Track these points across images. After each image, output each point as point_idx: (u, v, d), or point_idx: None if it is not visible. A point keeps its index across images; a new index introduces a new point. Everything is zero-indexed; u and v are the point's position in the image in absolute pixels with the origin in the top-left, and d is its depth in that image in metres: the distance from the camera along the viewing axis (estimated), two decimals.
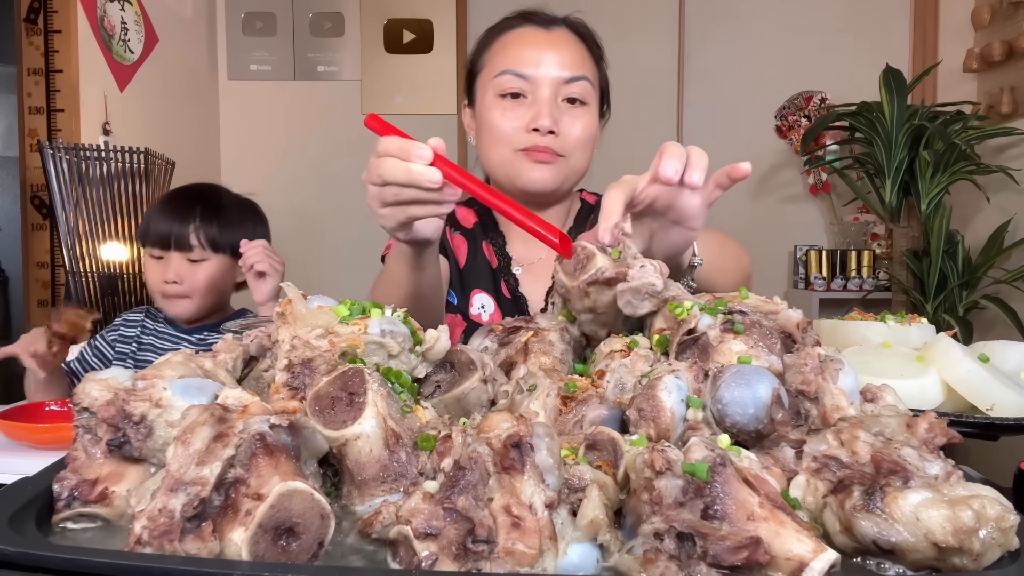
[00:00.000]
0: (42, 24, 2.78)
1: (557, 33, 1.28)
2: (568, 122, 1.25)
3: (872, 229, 3.63)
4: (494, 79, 1.26)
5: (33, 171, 2.83)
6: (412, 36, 3.84)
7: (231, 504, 0.45)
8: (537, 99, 1.23)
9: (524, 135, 1.23)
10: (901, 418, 0.53)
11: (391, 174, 0.84)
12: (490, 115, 1.26)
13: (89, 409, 0.56)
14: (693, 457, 0.46)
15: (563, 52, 1.26)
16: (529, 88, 1.24)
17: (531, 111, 1.23)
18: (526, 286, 1.32)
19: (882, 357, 0.81)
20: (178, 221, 1.72)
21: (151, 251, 1.74)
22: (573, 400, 0.61)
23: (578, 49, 1.29)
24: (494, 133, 1.25)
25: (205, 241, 1.73)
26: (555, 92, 1.24)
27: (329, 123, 3.87)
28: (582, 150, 1.27)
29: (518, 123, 1.24)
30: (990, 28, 3.30)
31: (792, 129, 3.76)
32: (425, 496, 0.46)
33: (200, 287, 1.73)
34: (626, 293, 0.69)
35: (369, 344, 0.61)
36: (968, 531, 0.44)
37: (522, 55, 1.25)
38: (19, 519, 0.49)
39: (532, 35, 1.27)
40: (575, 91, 1.25)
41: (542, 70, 1.24)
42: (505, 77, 1.24)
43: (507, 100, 1.25)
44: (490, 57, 1.30)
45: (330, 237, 3.86)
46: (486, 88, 1.28)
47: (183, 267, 1.72)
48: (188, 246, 1.72)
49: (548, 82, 1.23)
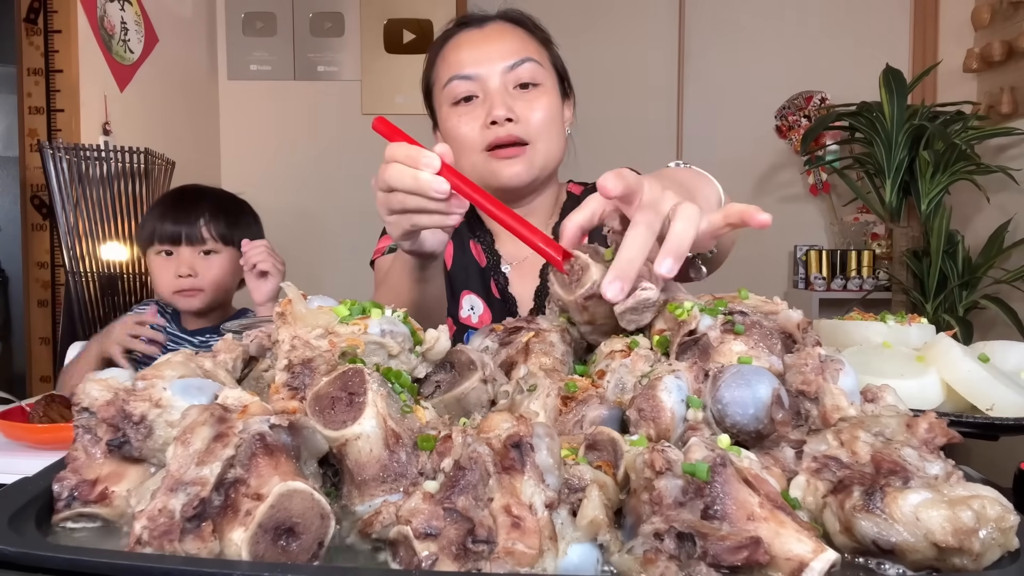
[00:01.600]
0: (42, 24, 2.78)
1: (492, 27, 1.28)
2: (524, 106, 1.23)
3: (872, 229, 3.62)
4: (444, 89, 1.26)
5: (33, 171, 2.83)
6: (412, 36, 3.84)
7: (231, 504, 0.45)
8: (488, 94, 1.23)
9: (485, 132, 1.22)
10: (901, 418, 0.53)
11: (398, 181, 0.82)
12: (449, 125, 1.26)
13: (89, 409, 0.56)
14: (693, 457, 0.46)
15: (502, 42, 1.25)
16: (478, 87, 1.23)
17: (485, 107, 1.23)
18: (515, 285, 1.31)
19: (882, 357, 0.81)
20: (188, 216, 1.75)
21: (160, 248, 1.75)
22: (573, 400, 0.61)
23: (517, 35, 1.28)
24: (458, 142, 1.24)
25: (216, 234, 1.76)
26: (503, 82, 1.23)
27: (329, 123, 3.87)
28: (548, 132, 1.25)
29: (476, 123, 1.23)
30: (990, 28, 3.30)
31: (792, 129, 3.76)
32: (425, 496, 0.46)
33: (213, 279, 1.76)
34: (625, 314, 0.66)
35: (369, 344, 0.61)
36: (968, 531, 0.44)
37: (462, 58, 1.25)
38: (19, 519, 0.49)
39: (468, 37, 1.28)
40: (523, 75, 1.24)
41: (484, 67, 1.23)
42: (453, 84, 1.24)
43: (461, 106, 1.25)
44: (436, 72, 1.31)
45: (330, 237, 3.86)
46: (441, 102, 1.28)
47: (196, 260, 1.75)
48: (200, 239, 1.75)
49: (493, 75, 1.23)
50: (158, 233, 1.75)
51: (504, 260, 1.33)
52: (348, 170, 3.85)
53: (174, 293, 1.75)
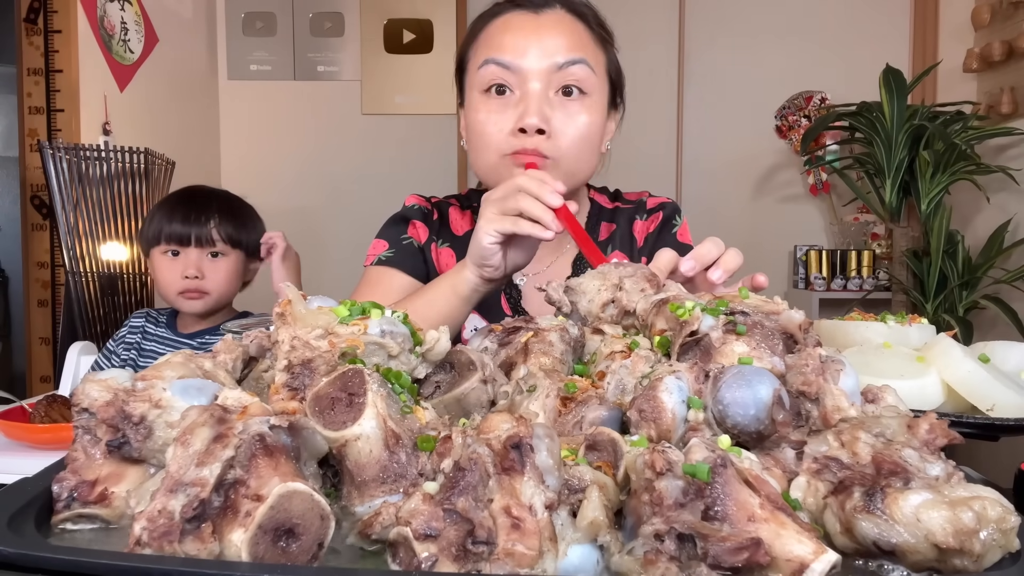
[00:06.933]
0: (42, 24, 2.78)
1: (549, 15, 1.13)
2: (562, 118, 1.10)
3: (872, 229, 3.62)
4: (478, 72, 1.12)
5: (33, 171, 2.83)
6: (412, 36, 3.84)
7: (231, 505, 0.45)
8: (525, 94, 1.09)
9: (511, 138, 1.10)
10: (902, 419, 0.53)
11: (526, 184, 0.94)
12: (475, 116, 1.13)
13: (89, 410, 0.56)
14: (694, 458, 0.46)
15: (555, 36, 1.10)
16: (515, 81, 1.10)
17: (518, 109, 1.09)
18: (529, 300, 1.24)
19: (882, 357, 0.81)
20: (198, 217, 1.74)
21: (166, 248, 1.75)
22: (573, 401, 0.61)
23: (575, 30, 1.13)
24: (481, 138, 1.13)
25: (225, 236, 1.75)
26: (546, 84, 1.09)
27: (329, 123, 3.87)
28: (578, 151, 1.12)
29: (504, 124, 1.10)
30: (990, 28, 3.29)
31: (792, 129, 3.76)
32: (425, 497, 0.46)
33: (218, 281, 1.76)
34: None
35: (369, 344, 0.61)
36: (969, 532, 0.44)
37: (506, 42, 1.10)
38: (18, 520, 0.49)
39: (519, 20, 1.12)
40: (571, 78, 1.10)
41: (529, 60, 1.09)
42: (487, 68, 1.10)
43: (491, 97, 1.11)
44: (475, 48, 1.16)
45: (330, 237, 3.86)
46: (472, 84, 1.15)
47: (203, 262, 1.74)
48: (210, 240, 1.75)
49: (536, 73, 1.09)
50: (165, 233, 1.74)
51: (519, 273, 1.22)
52: (348, 170, 3.85)
53: (179, 294, 1.75)
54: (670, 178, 3.79)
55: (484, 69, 1.11)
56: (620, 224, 1.31)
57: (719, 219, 3.65)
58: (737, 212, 3.78)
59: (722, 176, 3.78)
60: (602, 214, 1.32)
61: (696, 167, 3.79)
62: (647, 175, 3.55)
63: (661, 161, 3.76)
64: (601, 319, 0.75)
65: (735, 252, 0.88)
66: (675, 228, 1.30)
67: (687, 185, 3.80)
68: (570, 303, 0.79)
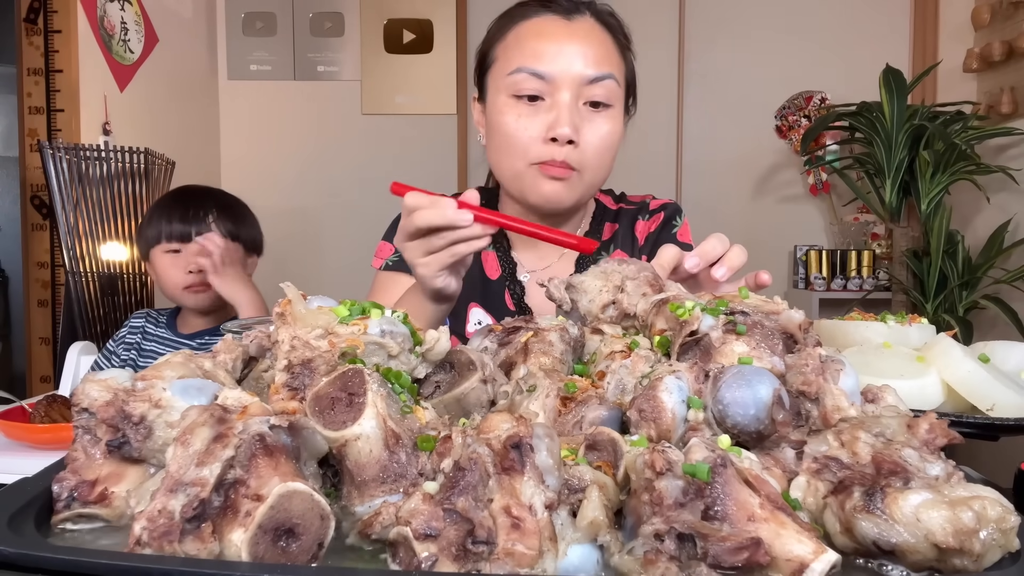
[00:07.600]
0: (42, 24, 2.78)
1: (581, 23, 1.13)
2: (589, 129, 1.11)
3: (872, 229, 3.63)
4: (508, 76, 1.12)
5: (33, 171, 2.83)
6: (412, 36, 3.84)
7: (231, 505, 0.45)
8: (556, 103, 1.10)
9: (541, 146, 1.11)
10: (902, 419, 0.53)
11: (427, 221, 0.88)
12: (503, 120, 1.13)
13: (89, 410, 0.56)
14: (694, 458, 0.46)
15: (587, 46, 1.11)
16: (547, 89, 1.10)
17: (549, 116, 1.10)
18: (533, 296, 1.24)
19: (882, 357, 0.81)
20: (196, 213, 1.76)
21: (167, 247, 1.76)
22: (573, 401, 0.61)
23: (604, 42, 1.14)
24: (508, 141, 1.13)
25: (224, 231, 1.77)
26: (576, 94, 1.10)
27: (329, 123, 3.87)
28: (600, 160, 1.14)
29: (534, 131, 1.10)
30: (990, 28, 3.29)
31: (792, 129, 3.76)
32: (425, 497, 0.46)
33: None
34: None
35: (369, 344, 0.61)
36: (968, 532, 0.44)
37: (540, 50, 1.10)
38: (18, 520, 0.49)
39: (552, 26, 1.12)
40: (599, 93, 1.11)
41: (563, 68, 1.09)
42: (520, 76, 1.10)
43: (522, 103, 1.11)
44: (503, 49, 1.15)
45: (330, 237, 3.87)
46: (499, 86, 1.14)
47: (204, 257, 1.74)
48: None
49: (569, 83, 1.10)
50: (166, 232, 1.76)
51: (523, 269, 1.25)
52: (348, 170, 3.85)
53: (184, 289, 1.76)
54: (670, 178, 3.79)
55: (517, 76, 1.11)
56: (622, 224, 1.33)
57: (719, 219, 3.65)
58: (737, 212, 3.78)
59: (722, 176, 3.78)
60: (606, 214, 1.33)
61: (696, 167, 3.79)
62: (647, 175, 3.56)
63: (661, 161, 3.76)
64: (601, 319, 0.76)
65: (739, 249, 0.87)
66: (675, 228, 1.30)
67: (687, 185, 3.80)
68: (571, 301, 0.79)
